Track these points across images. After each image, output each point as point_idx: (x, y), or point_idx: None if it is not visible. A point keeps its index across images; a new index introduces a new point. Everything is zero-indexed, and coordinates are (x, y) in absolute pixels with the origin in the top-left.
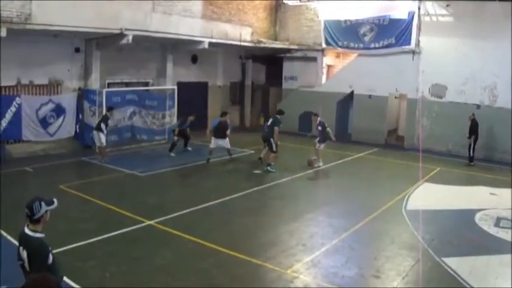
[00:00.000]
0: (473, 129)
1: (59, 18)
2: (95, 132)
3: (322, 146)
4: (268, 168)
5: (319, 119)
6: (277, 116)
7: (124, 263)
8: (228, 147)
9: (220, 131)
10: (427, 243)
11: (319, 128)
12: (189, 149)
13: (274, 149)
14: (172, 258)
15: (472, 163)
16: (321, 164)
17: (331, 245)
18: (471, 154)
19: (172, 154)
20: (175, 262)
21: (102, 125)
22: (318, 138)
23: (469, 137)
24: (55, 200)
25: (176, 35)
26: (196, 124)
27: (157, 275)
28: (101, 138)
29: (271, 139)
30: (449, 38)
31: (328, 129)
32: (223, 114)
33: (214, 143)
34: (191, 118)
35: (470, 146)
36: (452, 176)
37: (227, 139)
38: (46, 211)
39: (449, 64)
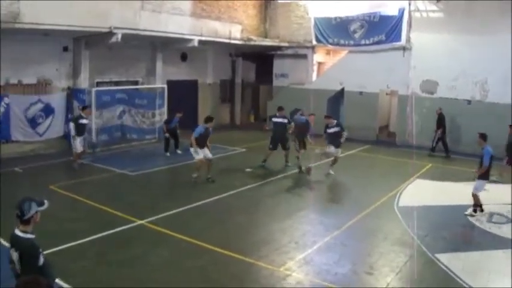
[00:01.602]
0: (440, 122)
1: (47, 17)
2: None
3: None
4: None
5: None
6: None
7: (116, 263)
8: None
9: (205, 140)
10: (420, 239)
11: (334, 129)
12: (179, 152)
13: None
14: (165, 258)
15: (433, 153)
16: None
17: (323, 243)
18: (433, 145)
19: (167, 154)
20: (168, 262)
21: (71, 125)
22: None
23: (436, 130)
24: (46, 201)
25: (165, 33)
26: (186, 122)
27: (152, 274)
28: (73, 142)
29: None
30: (440, 33)
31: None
32: (209, 120)
33: (200, 153)
34: (178, 115)
35: (435, 137)
36: (444, 172)
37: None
38: (36, 212)
39: (440, 60)
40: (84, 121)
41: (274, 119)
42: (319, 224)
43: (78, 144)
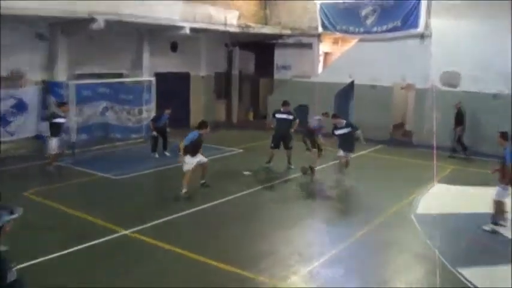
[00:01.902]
0: (460, 118)
1: (19, 0)
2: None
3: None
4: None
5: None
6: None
7: (97, 280)
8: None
9: (198, 148)
10: (440, 251)
11: (343, 130)
12: (167, 153)
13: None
14: (152, 272)
15: (454, 155)
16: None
17: (331, 255)
18: (463, 146)
19: (155, 155)
20: (155, 276)
21: (45, 124)
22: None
23: (455, 127)
24: (19, 208)
25: (153, 20)
26: (177, 120)
27: None
28: (46, 142)
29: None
30: (463, 18)
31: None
32: (204, 125)
33: (190, 163)
34: (168, 112)
35: (455, 136)
36: (468, 176)
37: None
38: (8, 221)
39: (463, 48)
40: (60, 120)
41: (278, 115)
42: (326, 234)
43: (53, 145)
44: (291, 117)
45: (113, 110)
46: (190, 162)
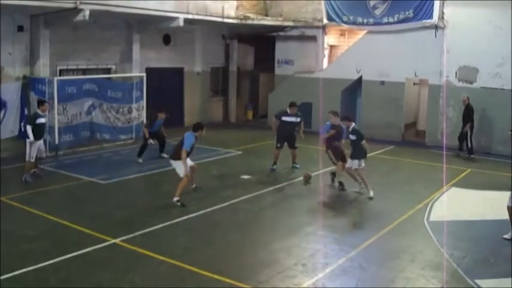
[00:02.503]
0: (470, 115)
1: None
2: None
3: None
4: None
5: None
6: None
7: None
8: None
9: (192, 151)
10: (456, 261)
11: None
12: (165, 155)
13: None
14: (142, 284)
15: (472, 155)
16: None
17: (337, 265)
18: (469, 145)
19: (140, 160)
20: None
21: (28, 128)
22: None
23: (464, 125)
24: None
25: (144, 10)
26: (170, 119)
27: None
28: (29, 149)
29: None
30: (481, 8)
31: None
32: (200, 127)
33: (187, 167)
34: (162, 116)
35: (466, 135)
36: (486, 179)
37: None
38: None
39: (481, 41)
40: (41, 120)
41: (285, 118)
42: (331, 243)
43: (33, 151)
44: (298, 119)
45: (100, 109)
46: (187, 166)
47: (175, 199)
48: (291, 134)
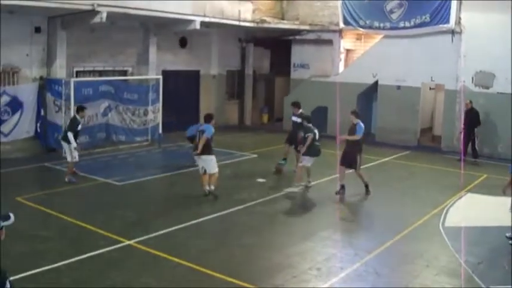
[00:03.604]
0: (476, 119)
1: None
2: (63, 143)
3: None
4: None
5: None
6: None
7: None
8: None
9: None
10: (471, 267)
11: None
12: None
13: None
14: (157, 286)
15: (476, 160)
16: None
17: (351, 270)
18: (476, 148)
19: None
20: None
21: (69, 135)
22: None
23: (471, 129)
24: (11, 214)
25: (161, 13)
26: (184, 122)
27: None
28: (72, 152)
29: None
30: (498, 13)
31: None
32: (210, 117)
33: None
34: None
35: (474, 139)
36: (502, 185)
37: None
38: (1, 227)
39: (497, 46)
40: (80, 126)
41: (292, 117)
42: (346, 247)
43: (75, 154)
44: (299, 120)
45: (116, 111)
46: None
47: (210, 188)
48: (294, 134)
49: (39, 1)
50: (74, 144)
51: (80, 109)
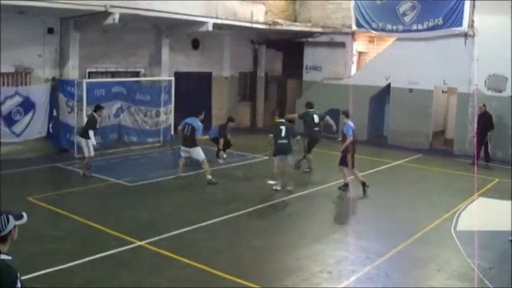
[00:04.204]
0: (491, 122)
1: None
2: (80, 139)
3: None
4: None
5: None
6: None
7: None
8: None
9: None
10: (483, 272)
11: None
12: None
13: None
14: (167, 285)
15: (488, 164)
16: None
17: (363, 273)
18: (489, 152)
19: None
20: None
21: (91, 133)
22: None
23: (484, 132)
24: (24, 213)
25: (173, 14)
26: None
27: None
28: (89, 147)
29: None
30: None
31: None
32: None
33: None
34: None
35: (487, 142)
36: None
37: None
38: (14, 227)
39: (511, 49)
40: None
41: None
42: (357, 250)
43: (91, 150)
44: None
45: (128, 112)
46: None
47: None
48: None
49: (53, 2)
50: (93, 141)
51: (97, 108)
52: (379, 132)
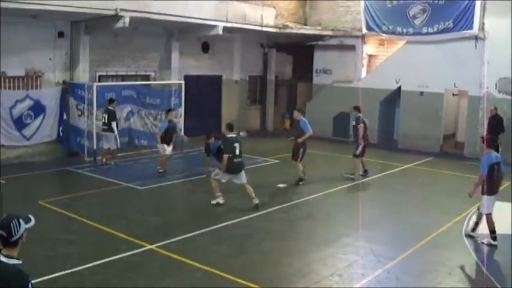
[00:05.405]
0: (501, 125)
1: None
2: (104, 134)
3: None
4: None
5: None
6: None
7: None
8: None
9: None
10: (494, 275)
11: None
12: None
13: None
14: None
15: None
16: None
17: (373, 277)
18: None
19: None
20: None
21: (113, 124)
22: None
23: (497, 136)
24: (31, 216)
25: (183, 18)
26: (206, 127)
27: None
28: (117, 140)
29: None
30: None
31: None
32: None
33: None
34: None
35: (498, 145)
36: None
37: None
38: (24, 230)
39: None
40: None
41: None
42: (368, 254)
43: (119, 143)
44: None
45: (138, 115)
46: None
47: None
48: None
49: (63, 6)
50: (116, 132)
51: (111, 101)
52: (389, 135)
